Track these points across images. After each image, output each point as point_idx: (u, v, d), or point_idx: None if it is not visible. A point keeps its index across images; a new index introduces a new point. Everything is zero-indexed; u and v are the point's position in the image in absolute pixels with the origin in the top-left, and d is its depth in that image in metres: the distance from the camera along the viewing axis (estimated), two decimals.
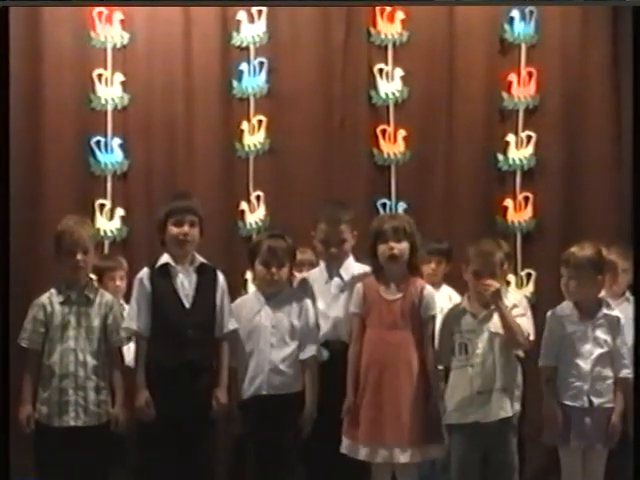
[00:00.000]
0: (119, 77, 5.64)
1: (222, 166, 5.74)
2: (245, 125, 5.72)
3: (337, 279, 4.65)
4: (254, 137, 5.72)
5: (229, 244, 5.63)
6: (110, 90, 5.63)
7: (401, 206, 5.72)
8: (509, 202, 5.79)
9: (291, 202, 5.68)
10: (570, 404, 4.48)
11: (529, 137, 5.80)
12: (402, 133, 5.76)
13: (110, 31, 5.63)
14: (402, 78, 5.78)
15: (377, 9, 5.76)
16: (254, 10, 5.72)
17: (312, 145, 5.75)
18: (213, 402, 4.42)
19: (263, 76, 5.73)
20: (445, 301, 4.98)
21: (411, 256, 4.47)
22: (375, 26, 5.78)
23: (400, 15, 5.76)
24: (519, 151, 5.80)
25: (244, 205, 5.70)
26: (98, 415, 4.38)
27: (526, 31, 5.80)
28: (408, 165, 5.79)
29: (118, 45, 5.65)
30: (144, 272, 4.51)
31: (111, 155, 5.63)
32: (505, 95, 5.81)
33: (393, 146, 5.77)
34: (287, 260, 4.54)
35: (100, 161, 5.62)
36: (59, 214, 4.77)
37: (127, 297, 4.82)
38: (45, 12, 5.55)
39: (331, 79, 5.78)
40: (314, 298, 4.60)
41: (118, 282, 5.07)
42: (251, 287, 5.18)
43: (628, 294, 4.94)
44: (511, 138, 5.81)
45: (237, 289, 5.16)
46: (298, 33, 5.77)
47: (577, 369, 4.48)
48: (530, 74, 5.81)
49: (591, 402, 4.46)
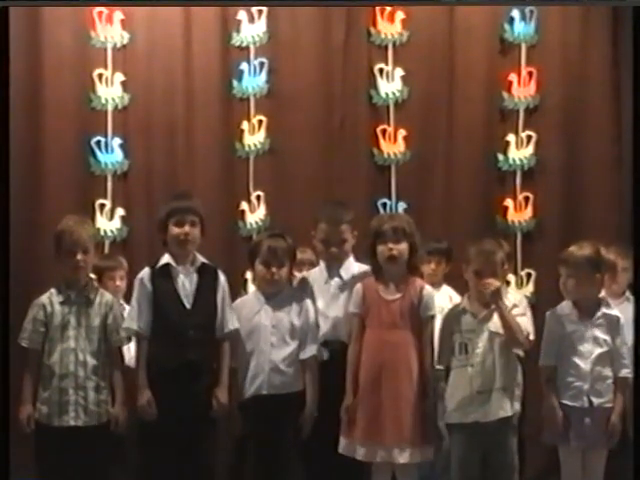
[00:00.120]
0: (119, 77, 5.64)
1: (222, 166, 5.74)
2: (245, 125, 5.72)
3: (337, 279, 4.64)
4: (254, 137, 5.72)
5: (229, 244, 5.64)
6: (110, 90, 5.63)
7: (401, 206, 5.72)
8: (509, 202, 5.79)
9: (291, 202, 5.68)
10: (570, 404, 4.47)
11: (529, 137, 5.80)
12: (402, 133, 5.77)
13: (110, 31, 5.64)
14: (402, 78, 5.78)
15: (377, 9, 5.76)
16: (254, 10, 5.72)
17: (312, 145, 5.76)
18: (213, 402, 4.41)
19: (263, 76, 5.73)
20: (445, 301, 4.98)
21: (410, 256, 4.46)
22: (375, 26, 5.78)
23: (400, 15, 5.76)
24: (519, 151, 5.80)
25: (244, 205, 5.70)
26: (98, 415, 4.38)
27: (526, 31, 5.81)
28: (408, 165, 5.79)
29: (118, 45, 5.65)
30: (145, 272, 4.50)
31: (111, 155, 5.63)
32: (505, 95, 5.81)
33: (393, 146, 5.77)
34: (287, 260, 4.54)
35: (100, 161, 5.63)
36: (59, 214, 4.77)
37: (127, 297, 4.83)
38: (45, 12, 5.55)
39: (331, 79, 5.78)
40: (314, 297, 4.60)
41: (118, 282, 5.07)
42: (251, 287, 5.16)
43: (628, 294, 4.94)
44: (511, 138, 5.81)
45: (237, 289, 5.16)
46: (298, 33, 5.77)
47: (577, 369, 4.47)
48: (530, 74, 5.81)
49: (591, 402, 4.45)
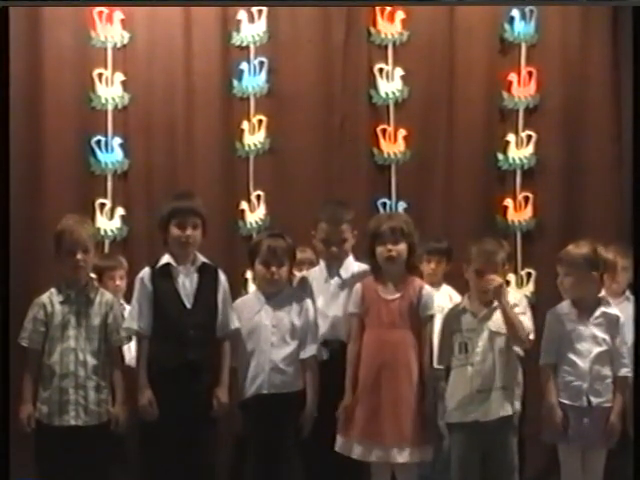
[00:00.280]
0: (119, 76, 5.64)
1: (222, 165, 5.73)
2: (245, 124, 5.72)
3: (337, 278, 4.65)
4: (254, 136, 5.72)
5: (229, 243, 5.63)
6: (110, 89, 5.63)
7: (401, 205, 5.72)
8: (509, 201, 5.79)
9: (291, 201, 5.67)
10: (569, 403, 4.48)
11: (529, 137, 5.80)
12: (402, 133, 5.76)
13: (110, 31, 5.63)
14: (402, 78, 5.77)
15: (377, 9, 5.75)
16: (254, 10, 5.71)
17: (312, 145, 5.75)
18: (214, 402, 4.41)
19: (263, 76, 5.72)
20: (445, 301, 4.99)
21: (409, 256, 4.47)
22: (375, 26, 5.77)
23: (400, 15, 5.75)
24: (519, 150, 5.80)
25: (244, 204, 5.70)
26: (98, 414, 4.38)
27: (526, 31, 5.80)
28: (408, 164, 5.79)
29: (118, 45, 5.64)
30: (145, 272, 4.51)
31: (111, 154, 5.62)
32: (505, 94, 5.80)
33: (393, 145, 5.77)
34: (287, 259, 4.54)
35: (100, 160, 5.62)
36: (59, 213, 4.77)
37: (127, 297, 4.83)
38: (45, 12, 5.54)
39: (331, 79, 5.77)
40: (313, 297, 4.60)
41: (118, 281, 5.07)
42: (252, 286, 5.17)
43: (628, 293, 4.94)
44: (511, 137, 5.80)
45: (238, 288, 5.16)
46: (298, 33, 5.76)
47: (575, 368, 4.47)
48: (530, 74, 5.81)
49: (589, 402, 4.45)
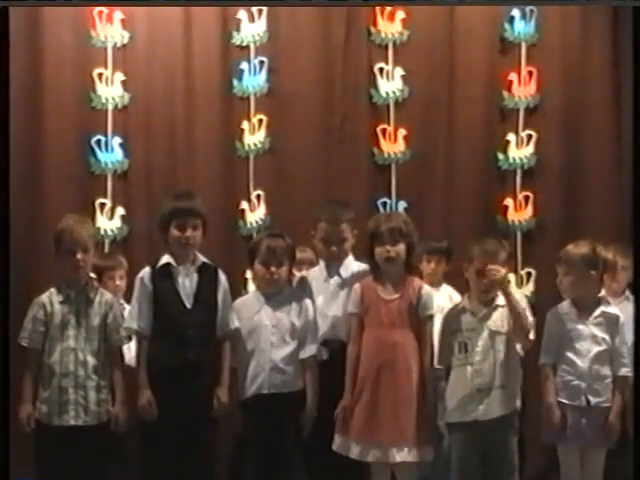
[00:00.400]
0: (119, 76, 5.63)
1: (222, 165, 5.73)
2: (245, 124, 5.71)
3: (336, 278, 4.66)
4: (254, 136, 5.72)
5: (229, 243, 5.63)
6: (110, 89, 5.62)
7: (401, 205, 5.72)
8: (509, 201, 5.78)
9: (291, 201, 5.67)
10: (567, 403, 4.48)
11: (529, 136, 5.80)
12: (402, 132, 5.76)
13: (110, 30, 5.63)
14: (402, 77, 5.77)
15: (377, 8, 5.75)
16: (254, 9, 5.70)
17: (312, 144, 5.75)
18: (214, 401, 4.41)
19: (263, 75, 5.72)
20: (445, 300, 4.99)
21: (408, 256, 4.47)
22: (375, 25, 5.77)
23: (400, 14, 5.75)
24: (519, 150, 5.80)
25: (244, 204, 5.70)
26: (98, 414, 4.37)
27: (526, 30, 5.80)
28: (408, 164, 5.79)
29: (118, 44, 5.64)
30: (145, 271, 4.51)
31: (111, 154, 5.62)
32: (505, 94, 5.80)
33: (393, 145, 5.77)
34: (286, 259, 4.54)
35: (100, 160, 5.62)
36: (59, 213, 4.77)
37: (127, 296, 4.83)
38: (45, 12, 5.54)
39: (331, 78, 5.77)
40: (313, 297, 4.60)
41: (118, 281, 5.06)
42: (252, 286, 5.16)
43: (628, 293, 4.94)
44: (511, 137, 5.80)
45: (238, 288, 5.16)
46: (298, 32, 5.76)
47: (574, 367, 4.48)
48: (530, 73, 5.81)
49: (588, 401, 4.46)
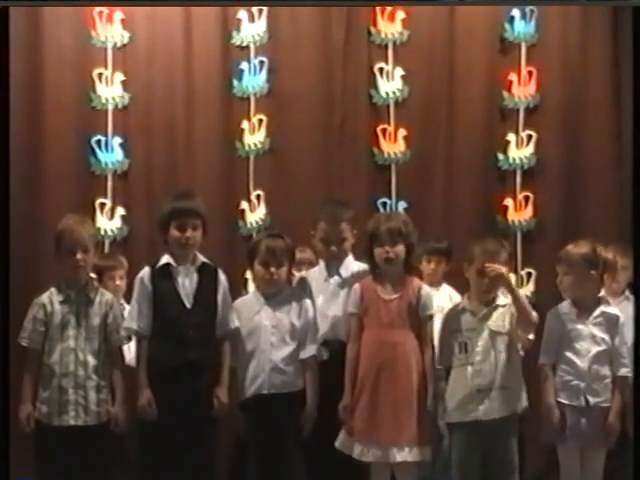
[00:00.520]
0: (119, 76, 5.64)
1: (222, 165, 5.73)
2: (245, 124, 5.72)
3: (336, 277, 4.65)
4: (254, 136, 5.72)
5: (229, 243, 5.63)
6: (110, 89, 5.63)
7: (401, 205, 5.72)
8: (509, 201, 5.79)
9: (291, 201, 5.67)
10: (567, 403, 4.48)
11: (529, 136, 5.80)
12: (402, 132, 5.76)
13: (110, 30, 5.63)
14: (402, 77, 5.78)
15: (377, 8, 5.75)
16: (254, 9, 5.71)
17: (312, 144, 5.75)
18: (214, 401, 4.41)
19: (263, 75, 5.72)
20: (445, 300, 4.99)
21: (408, 256, 4.47)
22: (375, 25, 5.77)
23: (400, 14, 5.76)
24: (519, 150, 5.80)
25: (244, 204, 5.70)
26: (98, 414, 4.37)
27: (526, 30, 5.80)
28: (408, 164, 5.79)
29: (118, 44, 5.64)
30: (145, 271, 4.50)
31: (111, 154, 5.62)
32: (505, 94, 5.80)
33: (393, 145, 5.77)
34: (286, 260, 4.54)
35: (100, 160, 5.62)
36: (59, 213, 4.76)
37: (127, 296, 4.83)
38: (45, 12, 5.54)
39: (331, 78, 5.77)
40: (313, 297, 4.60)
41: (118, 281, 5.06)
42: (252, 286, 5.16)
43: (628, 293, 4.94)
44: (511, 137, 5.80)
45: (238, 288, 5.16)
46: (298, 32, 5.76)
47: (574, 367, 4.48)
48: (530, 73, 5.81)
49: (587, 401, 4.46)
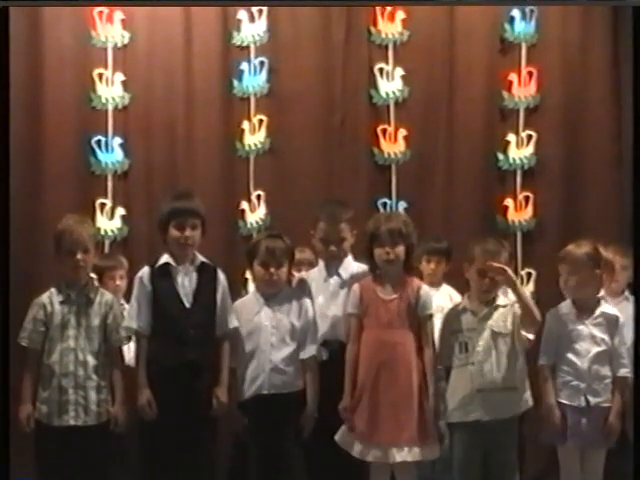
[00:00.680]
0: (119, 76, 5.63)
1: (222, 165, 5.73)
2: (246, 124, 5.72)
3: (336, 277, 4.65)
4: (255, 136, 5.72)
5: (229, 243, 5.63)
6: (111, 89, 5.63)
7: (401, 205, 5.72)
8: (509, 201, 5.79)
9: (291, 201, 5.67)
10: (567, 403, 4.48)
11: (529, 136, 5.80)
12: (402, 132, 5.76)
13: (111, 30, 5.63)
14: (402, 77, 5.77)
15: (377, 8, 5.75)
16: (254, 9, 5.71)
17: (312, 144, 5.75)
18: (214, 401, 4.41)
19: (264, 75, 5.72)
20: (445, 300, 4.99)
21: (407, 257, 4.47)
22: (375, 25, 5.77)
23: (400, 14, 5.75)
24: (519, 150, 5.80)
25: (244, 204, 5.70)
26: (98, 414, 4.38)
27: (526, 30, 5.80)
28: (408, 164, 5.79)
29: (119, 44, 5.64)
30: (144, 271, 4.50)
31: (111, 154, 5.62)
32: (505, 94, 5.80)
33: (393, 145, 5.77)
34: (285, 260, 4.53)
35: (100, 160, 5.62)
36: (59, 213, 4.77)
37: (127, 296, 4.83)
38: (45, 12, 5.54)
39: (331, 78, 5.77)
40: (312, 297, 4.60)
41: (118, 281, 5.07)
42: (252, 286, 5.16)
43: (627, 293, 4.94)
44: (511, 137, 5.80)
45: (237, 288, 5.15)
46: (298, 32, 5.76)
47: (574, 367, 4.48)
48: (530, 73, 5.81)
49: (588, 401, 4.46)
